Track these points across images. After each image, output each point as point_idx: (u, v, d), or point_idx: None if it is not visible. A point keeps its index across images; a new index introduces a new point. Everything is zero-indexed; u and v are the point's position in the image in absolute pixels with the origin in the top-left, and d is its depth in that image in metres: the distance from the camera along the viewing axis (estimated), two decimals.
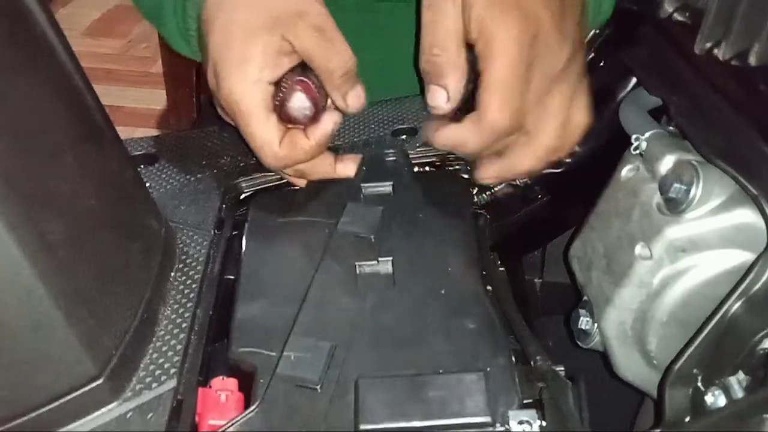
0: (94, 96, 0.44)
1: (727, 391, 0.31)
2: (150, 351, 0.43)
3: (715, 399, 0.32)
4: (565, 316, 0.47)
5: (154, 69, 1.88)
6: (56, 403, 0.38)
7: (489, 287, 0.46)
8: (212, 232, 0.52)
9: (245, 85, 0.45)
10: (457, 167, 0.55)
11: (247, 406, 0.40)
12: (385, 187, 0.50)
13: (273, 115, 0.46)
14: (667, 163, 0.40)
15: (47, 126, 0.38)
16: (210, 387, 0.40)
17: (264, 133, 0.46)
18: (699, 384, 0.33)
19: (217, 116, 0.54)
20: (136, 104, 1.89)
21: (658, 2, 0.42)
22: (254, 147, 0.48)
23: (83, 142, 0.41)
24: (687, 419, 0.33)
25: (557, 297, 0.60)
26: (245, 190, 0.56)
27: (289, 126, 0.48)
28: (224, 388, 0.40)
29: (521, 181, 0.56)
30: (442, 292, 0.42)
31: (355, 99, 0.48)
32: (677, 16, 0.38)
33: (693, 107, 0.39)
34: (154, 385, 0.41)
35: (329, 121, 0.48)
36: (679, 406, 0.33)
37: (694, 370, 0.33)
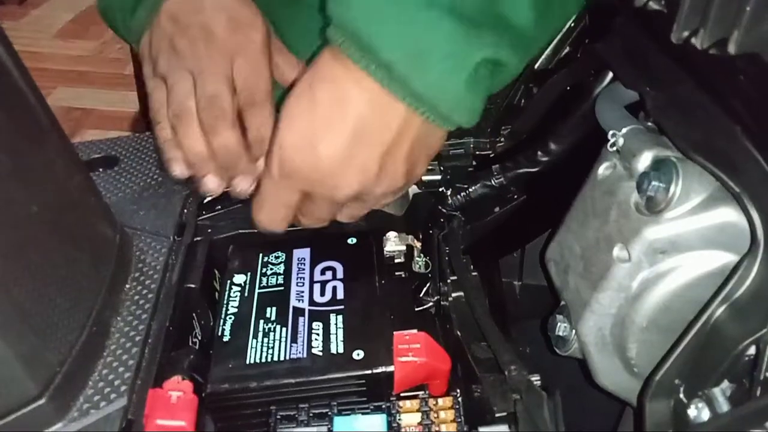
0: (37, 96, 0.41)
1: (711, 403, 0.29)
2: (99, 367, 0.40)
3: (699, 412, 0.30)
4: (542, 321, 0.45)
5: (128, 71, 1.84)
6: None
7: (461, 293, 0.44)
8: (172, 238, 0.49)
9: None
10: (459, 150, 0.54)
11: (201, 410, 0.37)
12: None
13: None
14: (644, 160, 0.38)
15: None
16: (162, 388, 0.37)
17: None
18: (681, 395, 0.31)
19: None
20: (109, 107, 1.85)
21: None
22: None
23: (22, 144, 0.38)
24: None
25: (537, 300, 0.58)
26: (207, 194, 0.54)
27: None
28: (177, 389, 0.37)
29: (496, 181, 0.54)
30: None
31: None
32: (653, 5, 0.36)
33: (670, 101, 0.37)
34: (103, 404, 0.38)
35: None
36: (660, 418, 0.31)
37: (676, 381, 0.31)
